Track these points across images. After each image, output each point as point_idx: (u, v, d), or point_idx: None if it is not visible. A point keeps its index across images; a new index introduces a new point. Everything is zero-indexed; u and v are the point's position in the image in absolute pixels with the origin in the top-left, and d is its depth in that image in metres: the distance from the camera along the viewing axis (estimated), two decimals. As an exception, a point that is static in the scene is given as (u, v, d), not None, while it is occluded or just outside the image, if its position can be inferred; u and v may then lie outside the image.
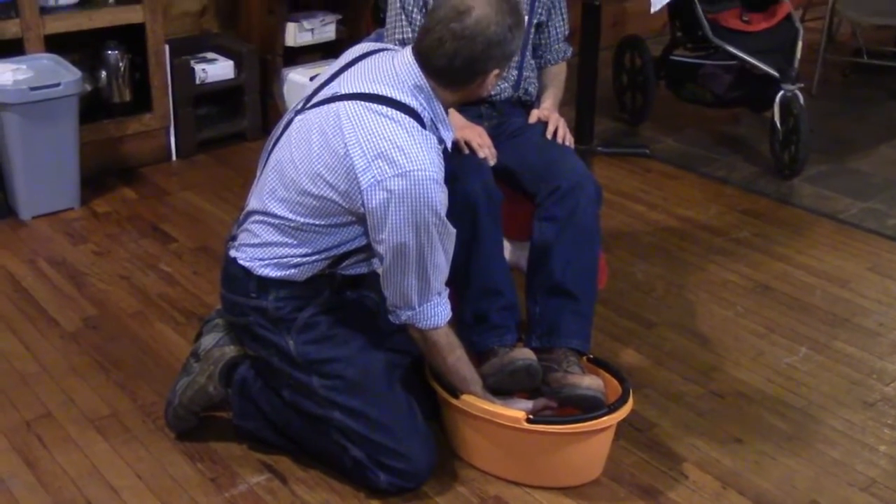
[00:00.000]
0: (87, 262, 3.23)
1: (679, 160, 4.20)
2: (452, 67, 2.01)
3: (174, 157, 4.03)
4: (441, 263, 2.06)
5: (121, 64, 3.80)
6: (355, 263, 2.19)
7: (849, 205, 3.79)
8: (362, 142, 1.96)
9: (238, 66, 4.12)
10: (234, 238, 2.23)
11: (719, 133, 4.51)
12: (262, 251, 2.13)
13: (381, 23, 3.27)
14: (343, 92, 2.05)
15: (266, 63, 4.21)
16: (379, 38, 2.70)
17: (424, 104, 2.05)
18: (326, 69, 2.21)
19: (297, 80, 4.20)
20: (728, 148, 4.34)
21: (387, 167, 1.94)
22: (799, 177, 3.98)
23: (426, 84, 2.05)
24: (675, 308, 3.06)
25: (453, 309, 2.18)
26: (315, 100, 2.11)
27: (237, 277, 2.17)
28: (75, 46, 3.70)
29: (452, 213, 2.10)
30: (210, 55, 4.14)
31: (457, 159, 2.36)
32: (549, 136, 2.56)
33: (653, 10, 3.58)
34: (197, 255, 3.29)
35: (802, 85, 3.92)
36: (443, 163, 2.03)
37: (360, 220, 2.04)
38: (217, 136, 4.18)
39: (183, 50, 4.03)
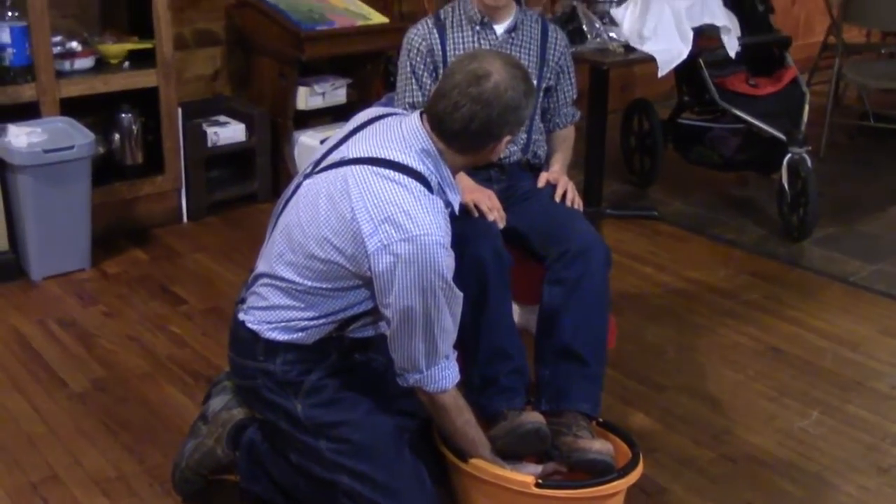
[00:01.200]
0: (97, 322, 3.24)
1: (688, 222, 4.20)
2: (467, 132, 2.03)
3: (185, 219, 4.06)
4: (448, 327, 2.05)
5: (134, 126, 3.85)
6: (363, 326, 2.19)
7: (858, 267, 3.78)
8: (369, 206, 1.97)
9: (249, 129, 4.17)
10: (242, 301, 2.24)
11: (727, 195, 4.53)
12: (270, 314, 2.13)
13: (391, 87, 3.32)
14: (351, 156, 2.07)
15: (277, 126, 4.26)
16: (389, 102, 2.74)
17: (432, 168, 2.06)
18: (336, 133, 2.23)
19: (308, 142, 4.24)
20: (736, 210, 4.35)
21: (393, 231, 1.95)
22: (808, 239, 3.98)
23: (434, 148, 2.06)
24: (686, 371, 3.04)
25: (461, 371, 2.17)
26: (323, 164, 2.12)
27: (245, 340, 2.17)
28: (90, 109, 3.75)
29: (461, 276, 2.10)
30: (222, 118, 4.19)
31: (466, 222, 2.37)
32: (557, 199, 2.57)
33: (660, 74, 3.62)
34: (207, 317, 3.29)
35: (810, 148, 3.93)
36: (449, 227, 2.04)
37: (367, 283, 2.04)
38: (228, 198, 4.21)
39: (195, 113, 4.08)
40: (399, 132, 2.08)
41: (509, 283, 2.38)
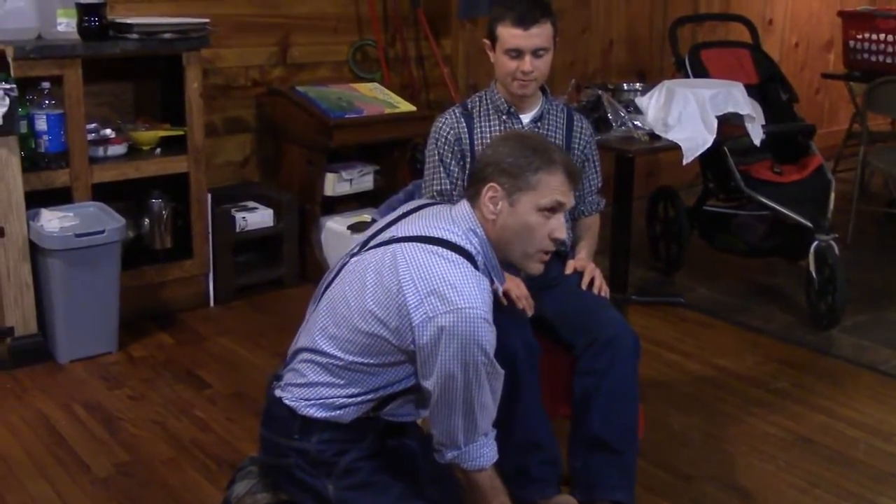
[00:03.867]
0: (122, 406, 3.24)
1: (714, 309, 4.18)
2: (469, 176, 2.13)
3: (212, 303, 4.08)
4: (488, 404, 2.05)
5: (164, 212, 3.91)
6: (400, 408, 2.17)
7: (889, 356, 3.73)
8: (416, 279, 1.99)
9: (277, 215, 4.22)
10: (279, 378, 2.22)
11: (754, 282, 4.50)
12: (309, 391, 2.12)
13: (418, 174, 3.36)
14: (399, 235, 2.10)
15: (305, 212, 4.30)
16: (416, 189, 2.77)
17: (478, 248, 2.09)
18: (383, 217, 2.27)
19: (335, 228, 4.28)
20: (763, 297, 4.32)
21: (439, 304, 1.96)
22: (837, 327, 3.94)
23: (480, 229, 2.09)
24: (714, 461, 2.99)
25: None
26: (371, 244, 2.15)
27: (281, 418, 2.15)
28: (121, 194, 3.82)
29: None
30: (251, 203, 4.25)
31: (495, 312, 2.38)
32: (584, 286, 2.58)
33: (685, 161, 3.64)
34: (231, 402, 3.29)
35: (837, 235, 3.92)
36: (492, 304, 2.04)
37: (409, 359, 2.04)
38: (255, 283, 4.24)
39: (225, 198, 4.14)
40: (448, 215, 2.13)
41: (538, 372, 2.37)
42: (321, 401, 2.11)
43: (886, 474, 2.92)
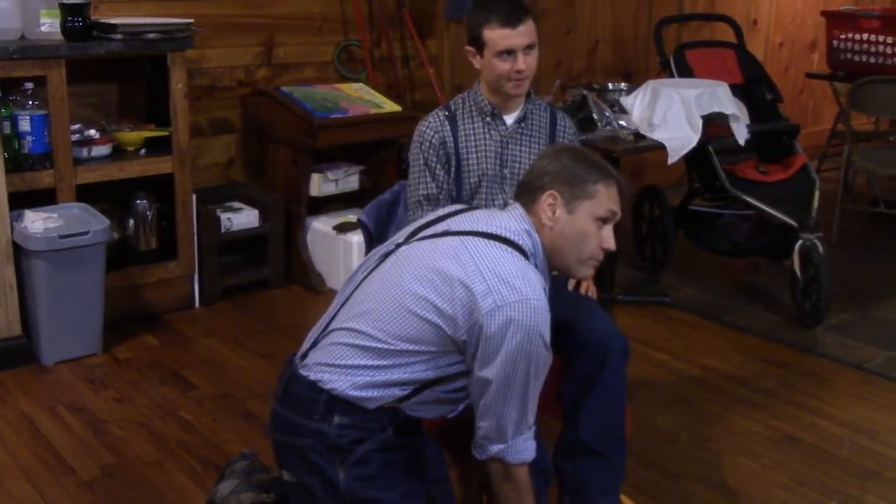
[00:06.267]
0: (107, 408, 3.22)
1: (700, 309, 4.19)
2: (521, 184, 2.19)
3: (197, 304, 4.07)
4: (537, 395, 2.07)
5: (148, 213, 3.90)
6: (426, 404, 2.15)
7: (873, 354, 3.75)
8: (482, 268, 2.00)
9: (263, 215, 4.21)
10: (304, 356, 2.20)
11: (739, 282, 4.52)
12: (339, 370, 2.09)
13: (403, 174, 3.35)
14: (457, 229, 2.12)
15: (290, 212, 4.29)
16: (402, 190, 2.76)
17: (532, 250, 2.12)
18: (421, 217, 2.32)
19: (321, 228, 4.28)
20: (749, 297, 4.34)
21: (508, 293, 1.96)
22: (821, 326, 3.96)
23: (535, 233, 2.13)
24: (700, 459, 3.00)
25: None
26: (421, 235, 2.16)
27: (303, 396, 2.12)
28: (105, 195, 3.80)
29: None
30: (236, 204, 4.24)
31: None
32: (571, 287, 2.58)
33: (670, 161, 3.65)
34: (217, 403, 3.28)
35: (821, 234, 3.94)
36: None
37: (456, 349, 2.03)
38: (241, 284, 4.23)
39: (210, 199, 4.12)
40: (504, 215, 2.16)
41: None
42: (351, 380, 2.09)
43: (871, 472, 2.94)
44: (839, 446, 3.08)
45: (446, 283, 2.00)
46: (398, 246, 2.17)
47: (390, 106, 4.39)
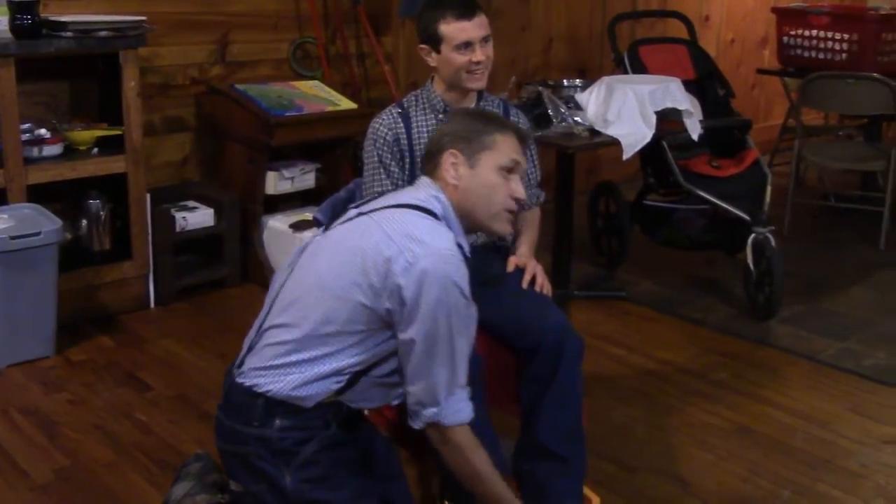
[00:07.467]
0: (61, 411, 3.18)
1: (656, 303, 4.23)
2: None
3: (152, 305, 4.03)
4: (465, 350, 2.06)
5: (102, 213, 3.85)
6: (367, 391, 2.14)
7: (826, 345, 3.81)
8: (390, 233, 2.02)
9: (218, 214, 4.18)
10: (241, 363, 2.19)
11: (694, 275, 4.57)
12: (272, 372, 2.09)
13: (359, 172, 3.34)
14: (364, 210, 2.15)
15: (246, 211, 4.27)
16: (358, 188, 2.76)
17: (440, 211, 2.13)
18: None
19: (277, 227, 4.25)
20: (703, 290, 4.39)
21: (418, 248, 1.98)
22: (774, 318, 4.01)
23: (443, 195, 2.15)
24: (656, 452, 3.03)
25: (447, 475, 2.15)
26: (335, 224, 2.18)
27: (241, 404, 2.11)
28: (57, 196, 3.75)
29: None
30: (191, 203, 4.20)
31: None
32: (525, 285, 2.59)
33: (625, 156, 3.67)
34: (174, 404, 3.25)
35: (774, 228, 3.99)
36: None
37: (384, 325, 2.03)
38: (196, 284, 4.19)
39: (164, 198, 4.09)
40: (411, 189, 2.20)
41: (481, 385, 2.38)
42: (285, 380, 2.08)
43: (823, 461, 2.99)
44: (792, 436, 3.13)
45: (358, 255, 2.02)
46: (317, 237, 2.20)
47: (346, 104, 4.38)
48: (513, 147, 2.19)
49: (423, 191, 2.16)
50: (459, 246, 2.10)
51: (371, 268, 2.00)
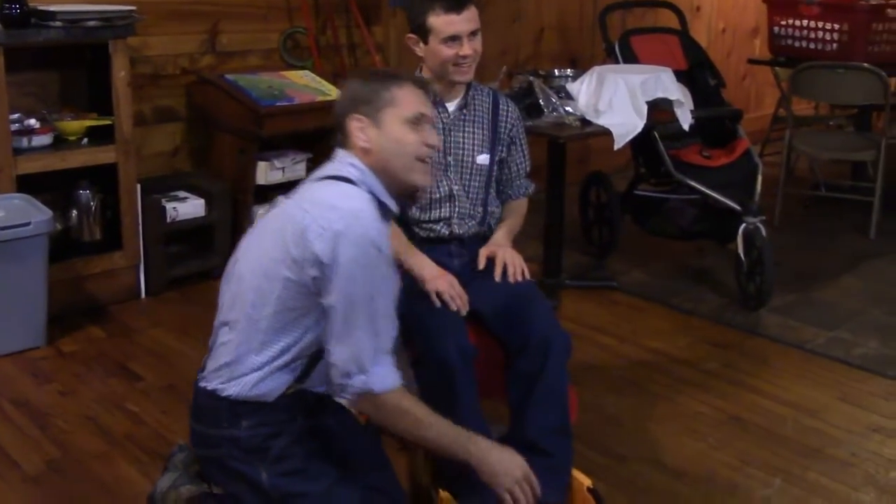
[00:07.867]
0: (52, 402, 3.18)
1: (646, 292, 4.24)
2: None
3: (143, 295, 4.02)
4: (389, 313, 2.04)
5: (92, 203, 3.84)
6: (323, 376, 2.14)
7: (815, 335, 3.82)
8: (303, 205, 2.04)
9: (209, 205, 4.17)
10: (203, 369, 2.20)
11: (685, 265, 4.58)
12: (229, 371, 2.09)
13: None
14: (289, 194, 2.16)
15: (237, 201, 4.26)
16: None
17: (358, 177, 2.13)
18: None
19: (268, 217, 4.24)
20: (694, 280, 4.39)
21: (331, 213, 1.99)
22: (765, 308, 4.02)
23: (358, 161, 2.14)
24: (647, 441, 3.04)
25: (439, 463, 2.15)
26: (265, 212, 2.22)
27: (208, 408, 2.13)
28: (47, 186, 3.74)
29: (427, 375, 2.19)
30: (181, 193, 4.19)
31: (429, 316, 2.40)
32: (497, 277, 2.58)
33: (616, 146, 3.68)
34: (165, 394, 3.25)
35: (764, 217, 4.00)
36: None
37: (314, 303, 2.03)
38: (187, 274, 4.18)
39: (155, 189, 4.07)
40: (327, 164, 2.18)
41: (474, 377, 2.39)
42: (242, 378, 2.09)
43: (813, 449, 3.00)
44: (782, 425, 3.14)
45: (278, 234, 2.04)
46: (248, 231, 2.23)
47: (336, 93, 4.36)
48: (414, 98, 2.17)
49: (338, 163, 2.15)
50: (383, 205, 2.12)
51: (290, 241, 2.01)
